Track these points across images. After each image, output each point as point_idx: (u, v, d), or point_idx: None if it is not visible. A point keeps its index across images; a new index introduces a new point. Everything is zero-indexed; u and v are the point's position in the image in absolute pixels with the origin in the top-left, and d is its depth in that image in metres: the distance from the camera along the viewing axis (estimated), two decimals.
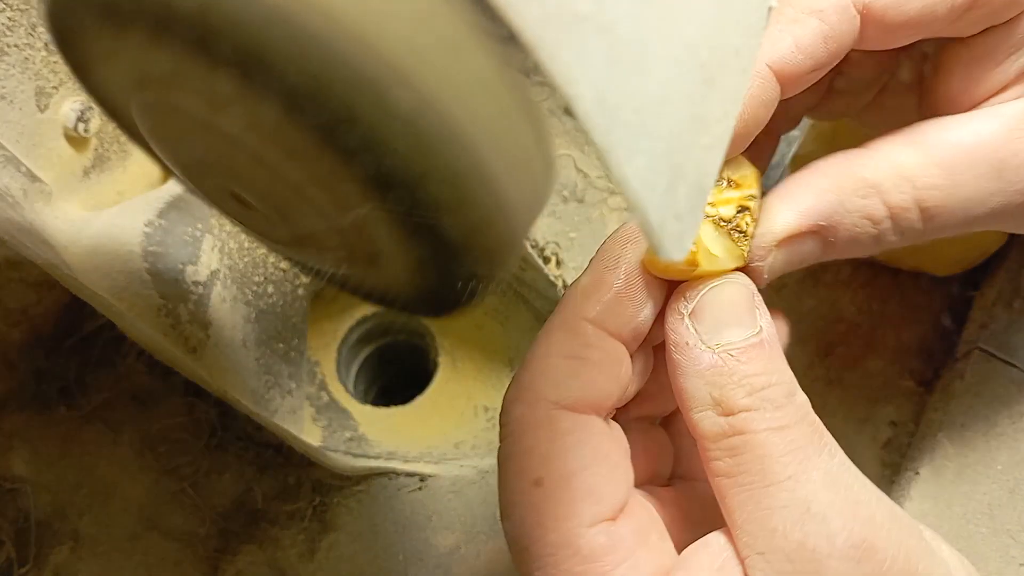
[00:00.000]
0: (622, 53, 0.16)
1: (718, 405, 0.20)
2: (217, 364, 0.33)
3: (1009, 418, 0.37)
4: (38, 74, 0.31)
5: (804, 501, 0.19)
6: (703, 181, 0.20)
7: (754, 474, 0.20)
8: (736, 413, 0.20)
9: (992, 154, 0.23)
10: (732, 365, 0.20)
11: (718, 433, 0.20)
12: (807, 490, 0.20)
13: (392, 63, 0.14)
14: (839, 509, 0.19)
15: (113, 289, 0.31)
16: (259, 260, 0.37)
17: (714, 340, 0.21)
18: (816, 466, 0.20)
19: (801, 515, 0.19)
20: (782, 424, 0.20)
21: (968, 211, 0.23)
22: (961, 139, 0.23)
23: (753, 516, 0.20)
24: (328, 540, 0.40)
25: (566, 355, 0.21)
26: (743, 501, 0.20)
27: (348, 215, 0.18)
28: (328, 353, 0.46)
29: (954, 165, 0.23)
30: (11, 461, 0.41)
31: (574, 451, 0.20)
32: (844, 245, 0.23)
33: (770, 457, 0.20)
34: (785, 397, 0.21)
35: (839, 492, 0.20)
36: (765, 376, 0.21)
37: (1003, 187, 0.23)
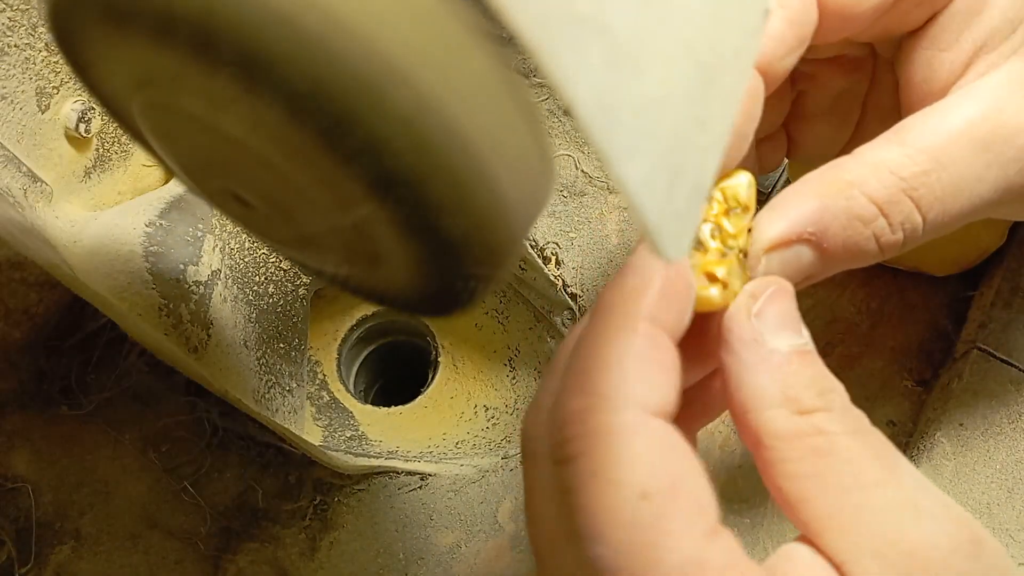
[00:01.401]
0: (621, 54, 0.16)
1: (791, 403, 0.20)
2: (218, 364, 0.33)
3: (1008, 417, 0.37)
4: (39, 74, 0.31)
5: (910, 501, 0.19)
6: (702, 181, 0.20)
7: (845, 475, 0.19)
8: (812, 413, 0.20)
9: (973, 130, 0.23)
10: (802, 364, 0.20)
11: (795, 432, 0.20)
12: (908, 491, 0.19)
13: (392, 64, 0.14)
14: (942, 509, 0.19)
15: (114, 289, 0.31)
16: (260, 260, 0.37)
17: (778, 341, 0.21)
18: (905, 470, 0.20)
19: (913, 515, 0.19)
20: (857, 428, 0.20)
21: (965, 193, 0.23)
22: (938, 124, 0.23)
23: (856, 519, 0.19)
24: (329, 539, 0.40)
25: (642, 358, 0.19)
26: (837, 505, 0.19)
27: (348, 215, 0.18)
28: (329, 353, 0.46)
29: (936, 148, 0.22)
30: (12, 460, 0.41)
31: (677, 459, 0.18)
32: (843, 252, 0.23)
33: (859, 460, 0.19)
34: (847, 405, 0.20)
35: (933, 493, 0.20)
36: (829, 381, 0.20)
37: (994, 160, 0.23)
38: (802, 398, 0.20)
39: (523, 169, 0.17)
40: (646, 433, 0.18)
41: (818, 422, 0.20)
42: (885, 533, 0.19)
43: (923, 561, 0.18)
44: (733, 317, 0.21)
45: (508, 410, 0.45)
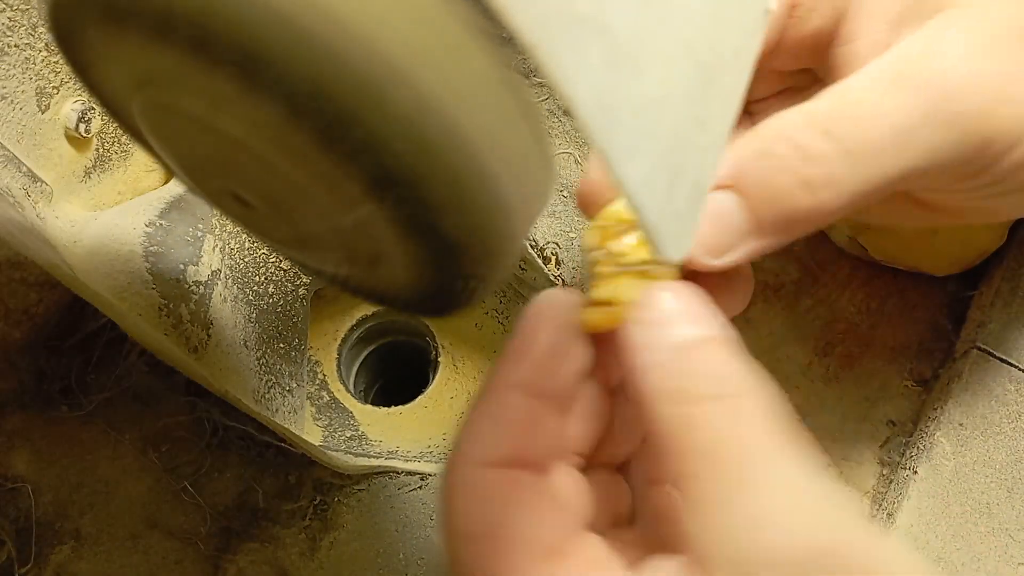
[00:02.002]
0: (621, 54, 0.16)
1: (680, 396, 0.20)
2: (218, 364, 0.33)
3: (1007, 417, 0.37)
4: (39, 74, 0.31)
5: (762, 512, 0.19)
6: (702, 181, 0.20)
7: (724, 474, 0.19)
8: (699, 404, 0.20)
9: (879, 72, 0.23)
10: (691, 358, 0.20)
11: (679, 427, 0.20)
12: (773, 493, 0.19)
13: (392, 64, 0.14)
14: (802, 514, 0.19)
15: (114, 289, 0.31)
16: (260, 260, 0.37)
17: (666, 341, 0.21)
18: (785, 472, 0.19)
19: (761, 521, 0.18)
20: (749, 416, 0.20)
21: (883, 122, 0.22)
22: (852, 74, 0.23)
23: (709, 523, 0.19)
24: (329, 539, 0.40)
25: (492, 418, 0.22)
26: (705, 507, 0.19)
27: (348, 215, 0.18)
28: (329, 353, 0.46)
29: (843, 88, 0.23)
30: (12, 461, 0.41)
31: (496, 506, 0.21)
32: (767, 197, 0.22)
33: (737, 452, 0.19)
34: (749, 390, 0.20)
35: (805, 496, 0.19)
36: (726, 369, 0.20)
37: (910, 89, 0.22)
38: (690, 389, 0.20)
39: (523, 169, 0.17)
40: (475, 486, 0.21)
41: (702, 415, 0.20)
42: (730, 541, 0.19)
43: (765, 569, 0.18)
44: (624, 330, 0.21)
45: None
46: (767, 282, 0.44)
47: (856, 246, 0.43)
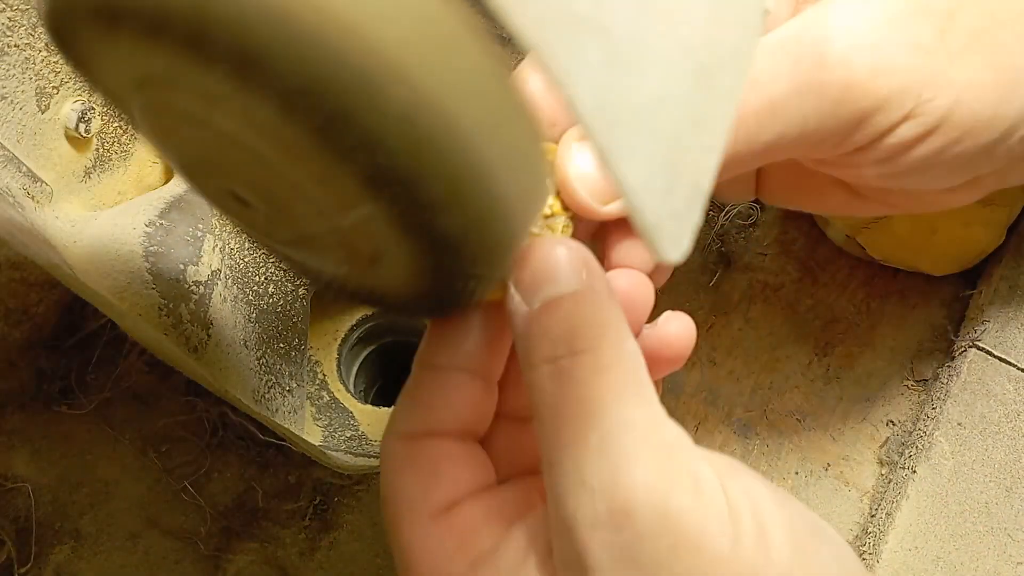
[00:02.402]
0: (620, 54, 0.16)
1: (539, 357, 0.20)
2: (218, 364, 0.33)
3: (1006, 416, 0.37)
4: (39, 74, 0.31)
5: (606, 462, 0.19)
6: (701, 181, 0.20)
7: (566, 423, 0.20)
8: (554, 361, 0.20)
9: (768, 39, 0.23)
10: (546, 318, 0.21)
11: (530, 389, 0.21)
12: (610, 451, 0.19)
13: (388, 61, 0.14)
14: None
15: (114, 289, 0.31)
16: (260, 260, 0.37)
17: (534, 299, 0.21)
18: (623, 425, 0.20)
19: (601, 478, 0.19)
20: (590, 373, 0.20)
21: (761, 89, 0.23)
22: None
23: (560, 481, 0.20)
24: (329, 539, 0.40)
25: (407, 394, 0.24)
26: (554, 468, 0.20)
27: (347, 214, 0.18)
28: (329, 353, 0.46)
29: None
30: (12, 460, 0.41)
31: (398, 472, 0.23)
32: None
33: (577, 411, 0.20)
34: (608, 343, 0.20)
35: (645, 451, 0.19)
36: (584, 324, 0.20)
37: (787, 58, 0.23)
38: (545, 349, 0.20)
39: (522, 167, 0.17)
40: (389, 455, 0.23)
41: (559, 370, 0.20)
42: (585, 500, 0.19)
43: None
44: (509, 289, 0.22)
45: None
46: (767, 282, 0.44)
47: (855, 246, 0.43)
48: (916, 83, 0.23)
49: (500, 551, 0.22)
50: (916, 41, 0.23)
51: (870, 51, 0.23)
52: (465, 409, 0.24)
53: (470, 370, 0.24)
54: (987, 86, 0.24)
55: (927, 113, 0.23)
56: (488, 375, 0.24)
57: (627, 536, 0.18)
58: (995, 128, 0.24)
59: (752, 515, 0.19)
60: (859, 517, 0.39)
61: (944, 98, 0.23)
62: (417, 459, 0.23)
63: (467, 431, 0.24)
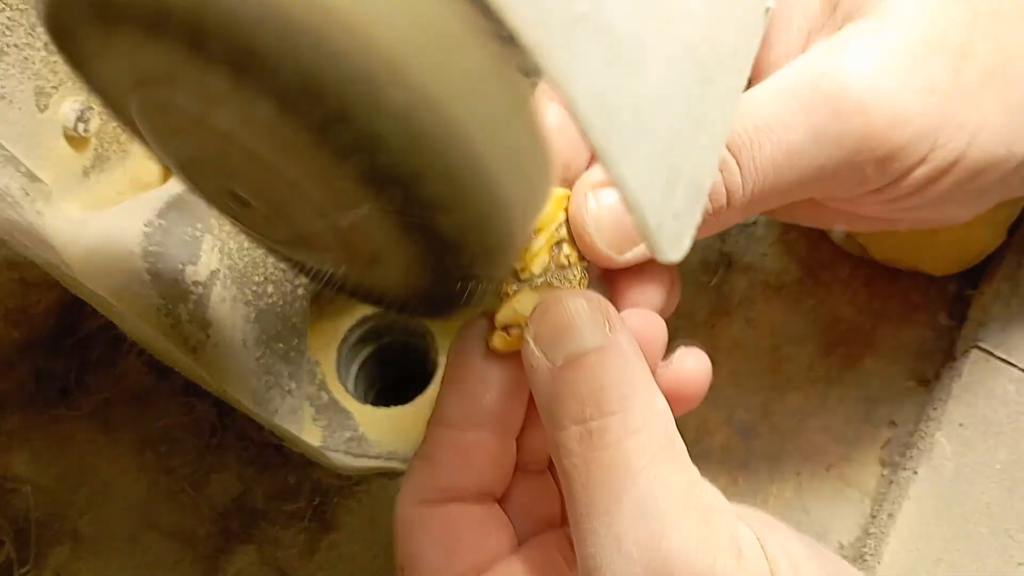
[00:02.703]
0: (620, 53, 0.16)
1: (567, 418, 0.20)
2: (217, 364, 0.33)
3: (1008, 417, 0.37)
4: (38, 74, 0.31)
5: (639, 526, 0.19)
6: (701, 181, 0.20)
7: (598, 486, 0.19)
8: (583, 422, 0.19)
9: (779, 82, 0.23)
10: (572, 375, 0.20)
11: (570, 448, 0.20)
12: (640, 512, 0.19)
13: (387, 60, 0.14)
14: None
15: (113, 289, 0.31)
16: (259, 260, 0.37)
17: (556, 355, 0.20)
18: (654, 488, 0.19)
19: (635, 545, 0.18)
20: (620, 437, 0.19)
21: (776, 138, 0.22)
22: (752, 89, 0.23)
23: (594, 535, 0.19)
24: (328, 540, 0.40)
25: (423, 457, 0.23)
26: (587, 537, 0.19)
27: (345, 214, 0.18)
28: (328, 353, 0.46)
29: (745, 101, 0.23)
30: (10, 461, 0.41)
31: (420, 540, 0.22)
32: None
33: (610, 478, 0.19)
34: (638, 403, 0.20)
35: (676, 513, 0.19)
36: (612, 382, 0.20)
37: (801, 106, 0.23)
38: (572, 410, 0.20)
39: (522, 166, 0.17)
40: (406, 522, 0.23)
41: (589, 432, 0.19)
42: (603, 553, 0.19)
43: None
44: (526, 342, 0.21)
45: None
46: (768, 282, 0.44)
47: (856, 246, 0.43)
48: (933, 128, 0.23)
49: None
50: (932, 84, 0.23)
51: (887, 100, 0.22)
52: (486, 469, 0.23)
53: (488, 428, 0.23)
54: (1001, 124, 0.23)
55: (942, 156, 0.23)
56: (506, 431, 0.23)
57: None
58: (1009, 164, 0.24)
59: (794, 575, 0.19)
60: (860, 518, 0.39)
61: (959, 140, 0.23)
62: (437, 527, 0.22)
63: (486, 491, 0.23)
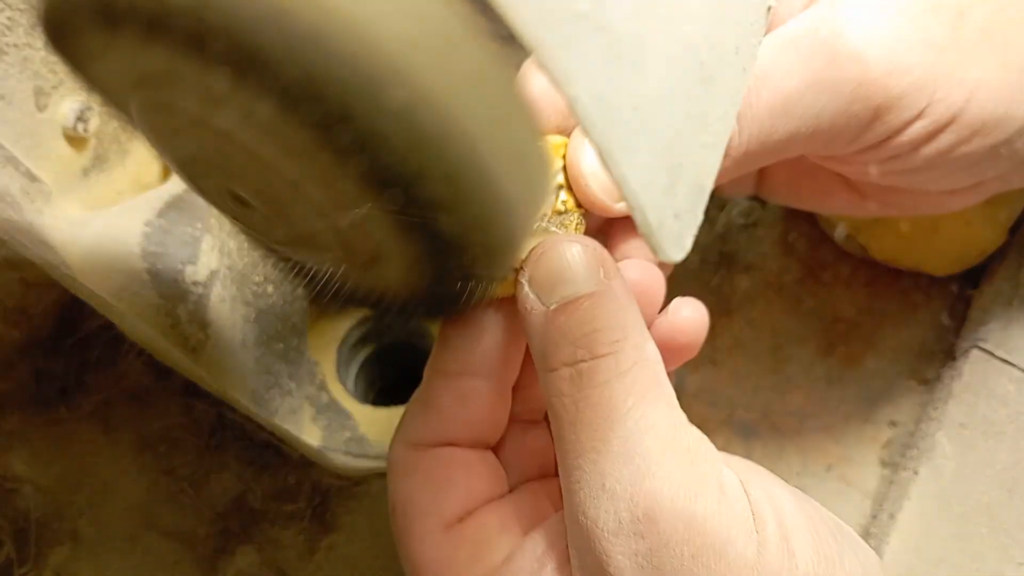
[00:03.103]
0: (621, 52, 0.16)
1: (559, 360, 0.20)
2: (216, 364, 0.33)
3: (1008, 417, 0.37)
4: (37, 74, 0.31)
5: (627, 467, 0.19)
6: (703, 180, 0.20)
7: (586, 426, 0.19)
8: (574, 364, 0.20)
9: (781, 32, 0.23)
10: (565, 318, 0.20)
11: (548, 390, 0.20)
12: (629, 453, 0.19)
13: (388, 60, 0.14)
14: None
15: (112, 289, 0.31)
16: (259, 260, 0.37)
17: (550, 299, 0.20)
18: (644, 430, 0.19)
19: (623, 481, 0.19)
20: (609, 376, 0.20)
21: (775, 84, 0.23)
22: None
23: (580, 488, 0.19)
24: (328, 540, 0.40)
25: (419, 402, 0.24)
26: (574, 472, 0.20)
27: (345, 213, 0.18)
28: (328, 353, 0.46)
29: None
30: (10, 461, 0.41)
31: (411, 481, 0.23)
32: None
33: (598, 415, 0.19)
34: (629, 346, 0.20)
35: (665, 459, 0.19)
36: (604, 326, 0.20)
37: (799, 54, 0.23)
38: (564, 352, 0.20)
39: (522, 166, 0.17)
40: (401, 463, 0.23)
41: (580, 373, 0.20)
42: (603, 503, 0.19)
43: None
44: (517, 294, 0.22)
45: None
46: (768, 282, 0.44)
47: (857, 246, 0.42)
48: (929, 81, 0.23)
49: (515, 560, 0.21)
50: (929, 38, 0.23)
51: (884, 48, 0.23)
52: (480, 416, 0.23)
53: (484, 375, 0.23)
54: (999, 84, 0.23)
55: (939, 111, 0.23)
56: (503, 380, 0.24)
57: (650, 543, 0.18)
58: (1006, 128, 0.24)
59: (776, 521, 0.19)
60: (861, 518, 0.39)
61: (956, 96, 0.23)
62: (429, 468, 0.23)
63: (480, 439, 0.24)
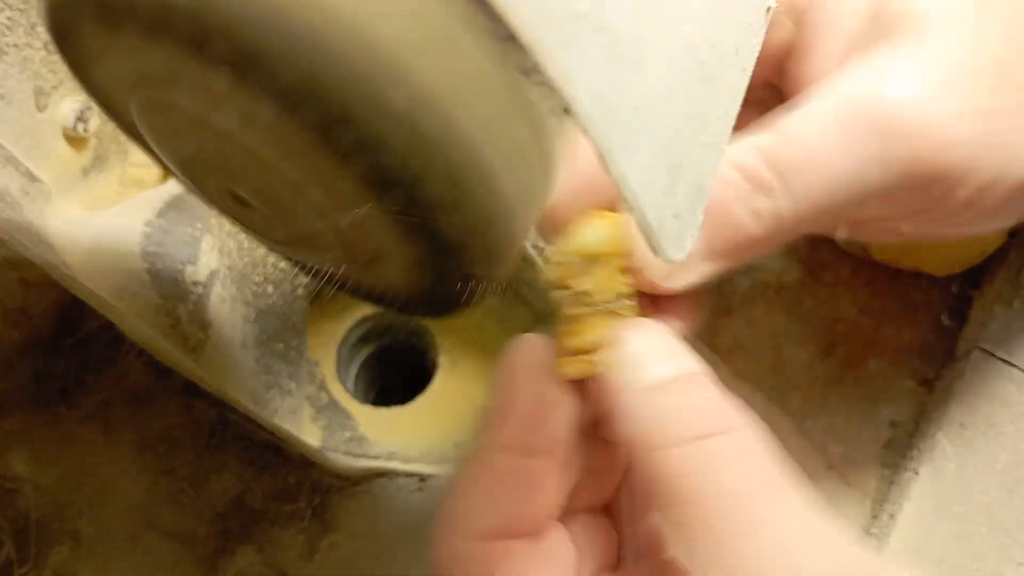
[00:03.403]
0: (620, 52, 0.16)
1: (661, 440, 0.19)
2: (216, 364, 0.33)
3: (1009, 417, 0.37)
4: (37, 73, 0.31)
5: (776, 553, 0.18)
6: (702, 180, 0.20)
7: (711, 522, 0.18)
8: (681, 446, 0.19)
9: (824, 106, 0.23)
10: (668, 398, 0.19)
11: (665, 472, 0.19)
12: (776, 538, 0.18)
13: (388, 61, 0.14)
14: (808, 552, 0.18)
15: (112, 289, 0.31)
16: (259, 260, 0.37)
17: (645, 380, 0.20)
18: (785, 508, 0.18)
19: (767, 566, 0.17)
20: (735, 455, 0.19)
21: (823, 165, 0.22)
22: (794, 108, 0.23)
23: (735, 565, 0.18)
24: (328, 540, 0.40)
25: (480, 487, 0.21)
26: (704, 556, 0.18)
27: (345, 214, 0.18)
28: (328, 353, 0.46)
29: (790, 124, 0.23)
30: (10, 461, 0.41)
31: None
32: (719, 226, 0.22)
33: (727, 495, 0.18)
34: (731, 426, 0.19)
35: (812, 538, 0.18)
36: (705, 406, 0.19)
37: (848, 134, 0.22)
38: (670, 432, 0.19)
39: (523, 167, 0.17)
40: (457, 561, 0.20)
41: (687, 456, 0.19)
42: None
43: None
44: (596, 381, 0.21)
45: None
46: (768, 283, 0.44)
47: (857, 247, 0.42)
48: (976, 151, 0.23)
49: None
50: (975, 106, 0.23)
51: (935, 126, 0.22)
52: (552, 502, 0.21)
53: (556, 455, 0.21)
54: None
55: (983, 177, 0.23)
56: (568, 462, 0.22)
57: None
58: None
59: None
60: (861, 519, 0.39)
61: (999, 159, 0.23)
62: (503, 565, 0.20)
63: (541, 527, 0.22)
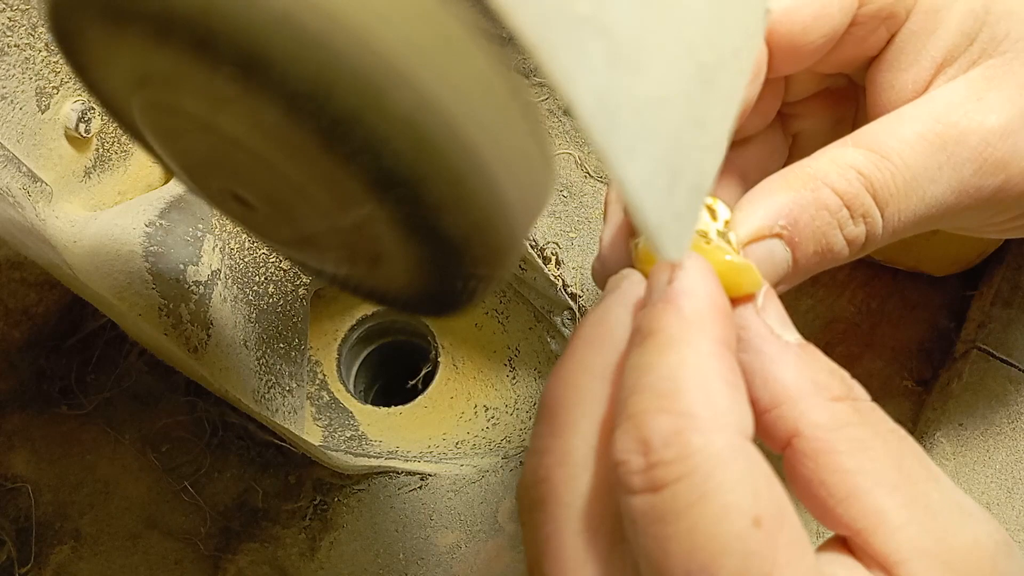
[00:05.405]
0: (622, 54, 0.16)
1: (823, 391, 0.20)
2: (218, 364, 0.33)
3: (1007, 417, 0.37)
4: (39, 74, 0.31)
5: (953, 500, 0.19)
6: (702, 181, 0.20)
7: (893, 471, 0.19)
8: (843, 400, 0.20)
9: (926, 132, 0.23)
10: (816, 354, 0.20)
11: (835, 422, 0.19)
12: (948, 490, 0.19)
13: (392, 64, 0.14)
14: (978, 508, 0.19)
15: (114, 289, 0.31)
16: (260, 260, 0.37)
17: (786, 335, 0.21)
18: (937, 468, 0.20)
19: (959, 514, 0.18)
20: (886, 420, 0.20)
21: (920, 193, 0.23)
22: (894, 127, 0.24)
23: (909, 517, 0.18)
24: (329, 539, 0.40)
25: (726, 382, 0.18)
26: (889, 502, 0.18)
27: (349, 215, 0.18)
28: (329, 353, 0.46)
29: (891, 149, 0.23)
30: (12, 460, 0.41)
31: (777, 485, 0.18)
32: (812, 246, 0.23)
33: (904, 455, 0.19)
34: (867, 396, 0.20)
35: (962, 493, 0.19)
36: (843, 371, 0.20)
37: (946, 161, 0.23)
38: (831, 386, 0.20)
39: (523, 168, 0.17)
40: (747, 457, 0.17)
41: (855, 411, 0.20)
42: (937, 532, 0.18)
43: (973, 561, 0.18)
44: (742, 315, 0.21)
45: (508, 410, 0.45)
46: None
47: None
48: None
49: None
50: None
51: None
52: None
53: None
54: None
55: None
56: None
57: None
58: None
59: None
60: None
61: None
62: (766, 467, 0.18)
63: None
